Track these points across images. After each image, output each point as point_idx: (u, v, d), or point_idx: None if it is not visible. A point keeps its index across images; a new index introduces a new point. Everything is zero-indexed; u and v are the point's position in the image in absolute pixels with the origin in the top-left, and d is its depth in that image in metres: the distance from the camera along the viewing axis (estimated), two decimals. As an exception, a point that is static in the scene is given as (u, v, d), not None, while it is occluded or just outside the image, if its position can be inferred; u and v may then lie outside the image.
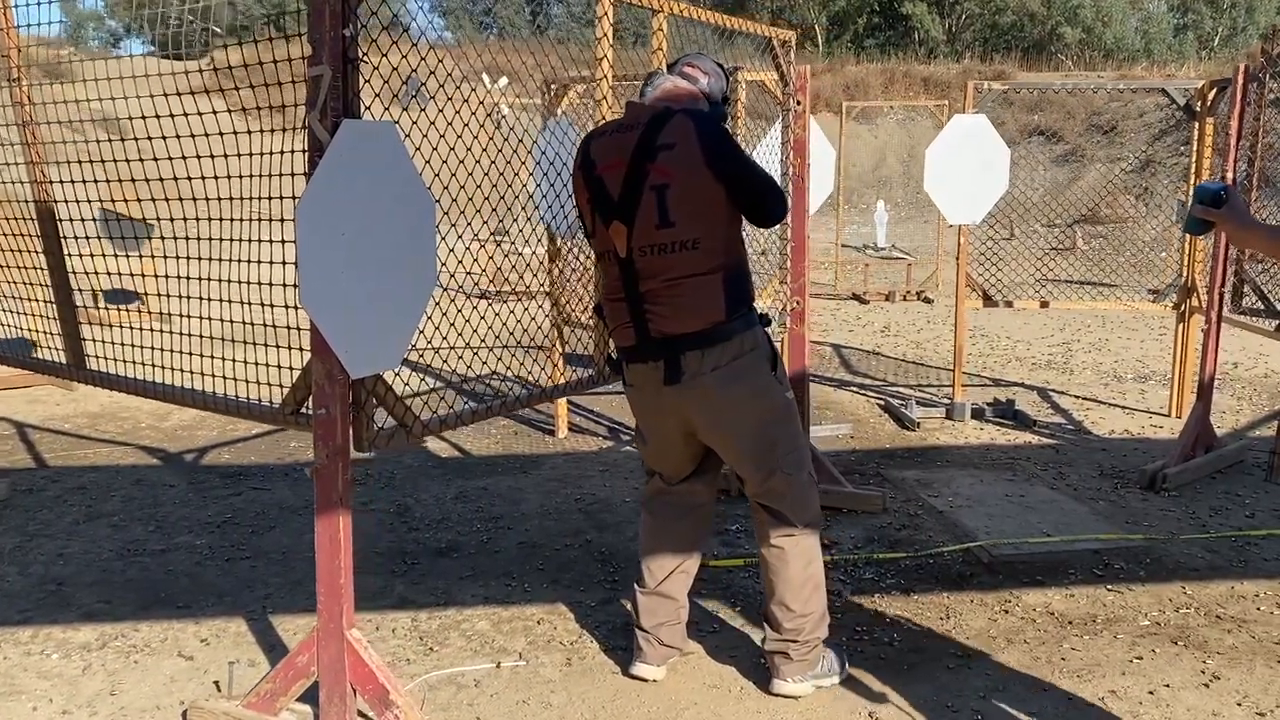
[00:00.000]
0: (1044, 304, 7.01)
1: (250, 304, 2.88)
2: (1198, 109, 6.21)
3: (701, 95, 3.12)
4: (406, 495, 5.00)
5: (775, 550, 3.12)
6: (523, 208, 5.02)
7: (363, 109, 2.68)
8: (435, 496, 4.99)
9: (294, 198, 2.45)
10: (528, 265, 5.83)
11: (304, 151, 2.58)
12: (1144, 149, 18.56)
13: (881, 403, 6.99)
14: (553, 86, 5.41)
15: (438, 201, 3.00)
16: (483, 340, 3.50)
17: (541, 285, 5.92)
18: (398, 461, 5.52)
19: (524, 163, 3.80)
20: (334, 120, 2.54)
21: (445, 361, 7.57)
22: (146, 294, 6.96)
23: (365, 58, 2.69)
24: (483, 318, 3.57)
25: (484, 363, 7.57)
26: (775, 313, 5.04)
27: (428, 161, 2.99)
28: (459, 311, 3.40)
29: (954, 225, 6.57)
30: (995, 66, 25.83)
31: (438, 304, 2.98)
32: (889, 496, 4.93)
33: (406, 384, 3.46)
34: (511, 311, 3.92)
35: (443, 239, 3.04)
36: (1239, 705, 3.06)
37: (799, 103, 4.88)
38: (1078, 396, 7.22)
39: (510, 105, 4.47)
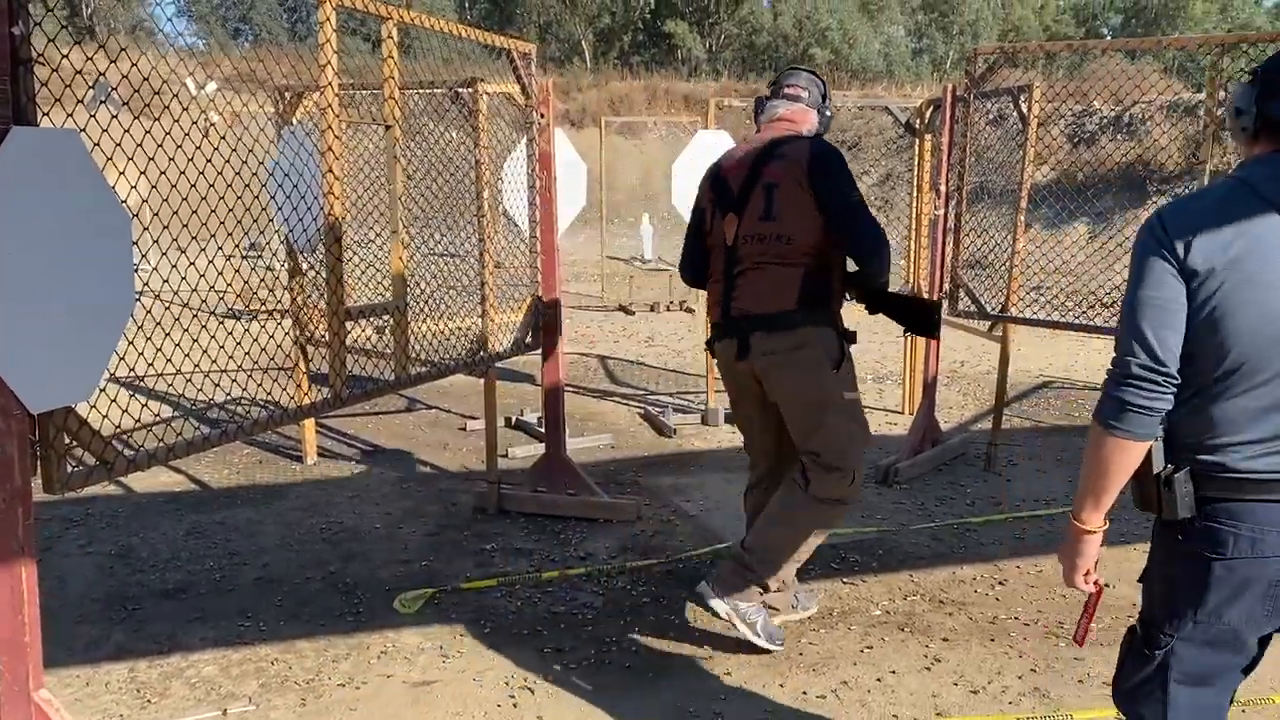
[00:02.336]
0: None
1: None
2: (918, 126, 6.67)
3: (808, 109, 3.55)
4: (132, 534, 4.62)
5: (785, 501, 3.39)
6: (270, 220, 4.76)
7: (40, 115, 2.44)
8: (165, 534, 4.63)
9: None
10: (276, 280, 5.55)
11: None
12: (884, 163, 19.85)
13: (642, 411, 7.09)
14: (286, 94, 5.16)
15: (175, 214, 2.78)
16: (220, 363, 3.27)
17: (279, 302, 5.64)
18: (124, 499, 5.10)
19: (254, 174, 3.59)
20: (1, 128, 2.29)
21: (188, 386, 7.09)
22: None
23: (42, 58, 2.44)
24: (230, 334, 3.35)
25: (228, 388, 7.15)
26: (529, 325, 5.02)
27: (143, 172, 2.77)
28: (203, 329, 3.18)
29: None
30: (751, 85, 26.95)
31: (179, 322, 2.75)
32: (644, 504, 4.99)
33: (137, 415, 3.19)
34: (263, 328, 3.70)
35: (183, 253, 2.83)
36: (955, 685, 3.27)
37: (542, 116, 4.87)
38: (825, 398, 7.58)
39: (221, 113, 4.22)
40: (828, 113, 3.63)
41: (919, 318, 3.52)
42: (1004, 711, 3.09)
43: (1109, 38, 43.39)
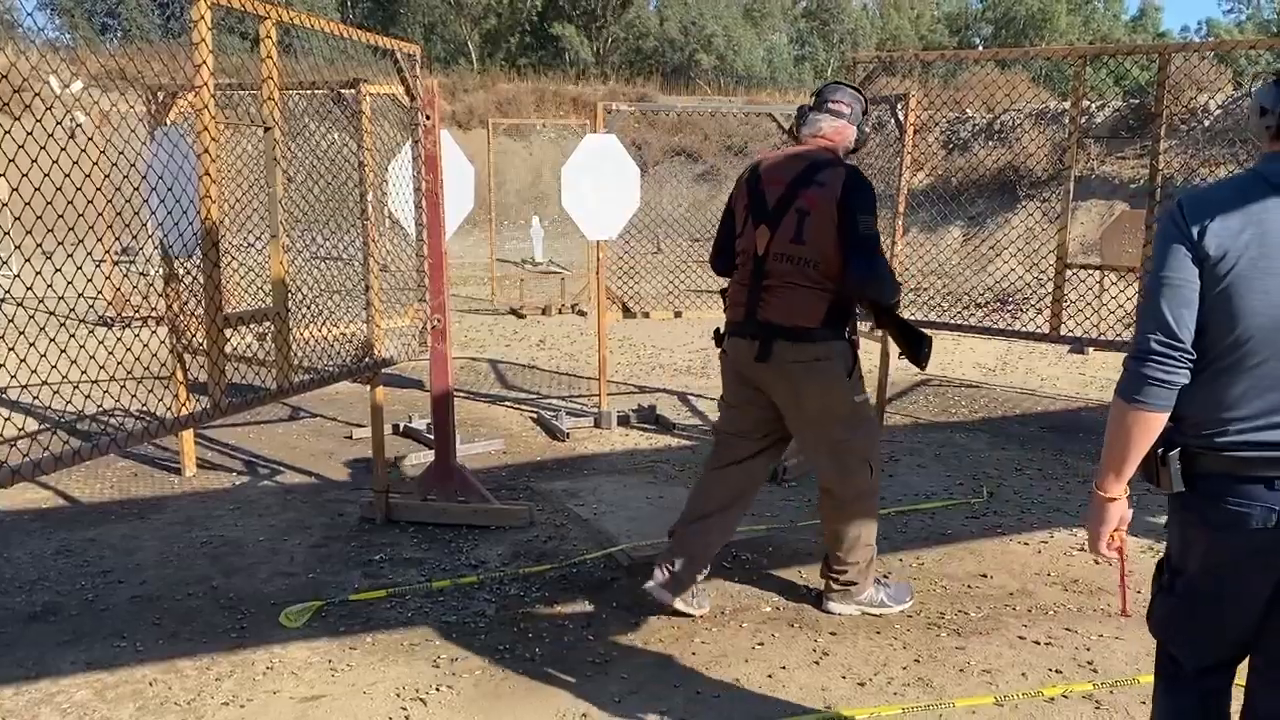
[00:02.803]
0: (678, 313, 7.38)
1: None
2: (799, 132, 6.80)
3: (849, 125, 3.70)
4: (-5, 555, 4.39)
5: (826, 514, 3.80)
6: (143, 225, 4.58)
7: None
8: (32, 554, 4.41)
9: None
10: (151, 286, 5.34)
11: None
12: (770, 168, 20.23)
13: (534, 416, 7.06)
14: (159, 94, 4.97)
15: (39, 218, 2.65)
16: (91, 373, 3.12)
17: (153, 309, 5.43)
18: (-13, 517, 4.84)
19: (126, 176, 3.45)
20: None
21: (55, 398, 6.76)
22: None
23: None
24: (101, 343, 3.21)
25: (100, 399, 6.84)
26: (416, 331, 4.95)
27: (2, 174, 2.63)
28: (72, 338, 3.03)
29: (594, 241, 6.77)
30: (639, 88, 27.14)
31: (44, 332, 2.61)
32: (536, 509, 4.96)
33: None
34: (137, 336, 3.55)
35: (48, 259, 2.70)
36: (843, 678, 3.35)
37: (428, 117, 4.81)
38: (713, 398, 7.64)
39: (89, 113, 4.02)
40: (865, 128, 3.83)
41: (914, 347, 3.69)
42: (890, 702, 3.18)
43: (981, 47, 45.08)
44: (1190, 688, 2.24)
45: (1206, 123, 13.31)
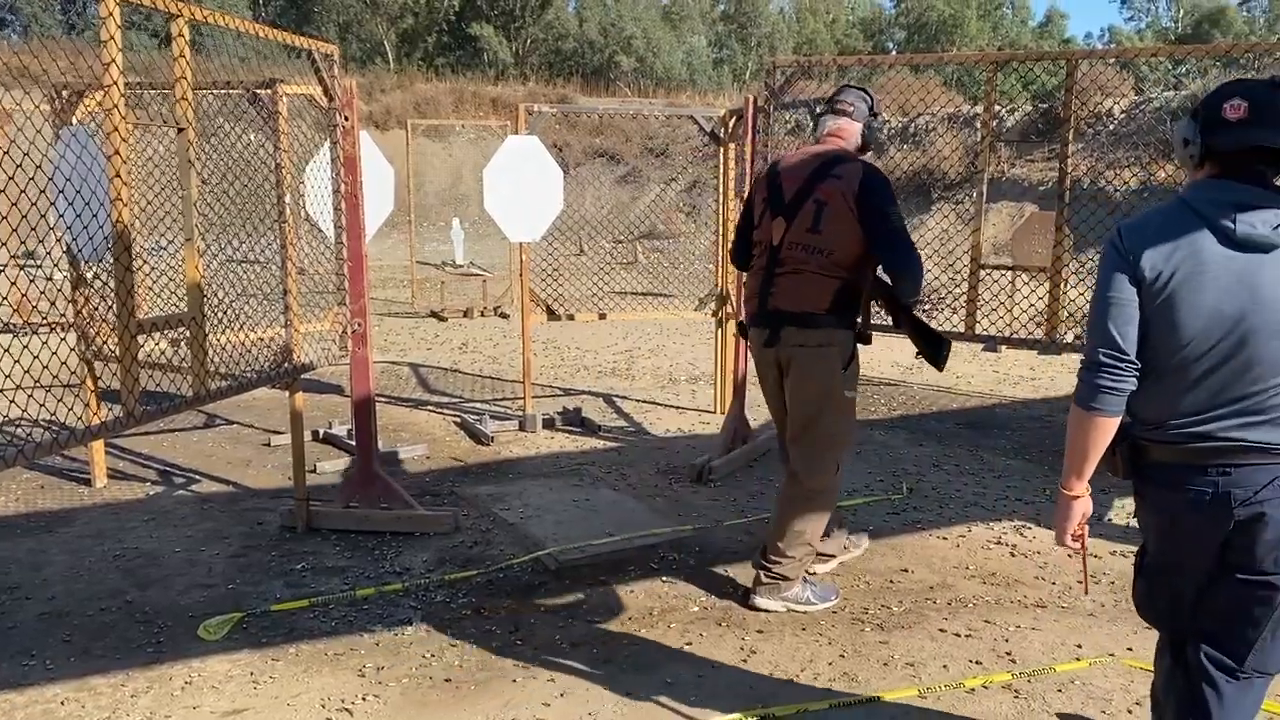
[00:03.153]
0: (602, 315, 7.39)
1: None
2: (722, 135, 6.87)
3: (855, 122, 3.90)
4: (-108, 573, 4.19)
5: (788, 500, 3.89)
6: (50, 228, 4.42)
7: None
8: (-68, 571, 4.23)
9: None
10: (59, 291, 5.16)
11: None
12: (691, 170, 20.34)
13: (458, 420, 7.00)
14: (64, 92, 4.81)
15: None
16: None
17: (61, 314, 5.25)
18: (-119, 533, 4.62)
19: (32, 178, 3.33)
20: None
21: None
22: None
23: None
24: (6, 350, 3.08)
25: (4, 409, 6.58)
26: (336, 335, 4.86)
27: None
28: None
29: (516, 243, 6.74)
30: (559, 90, 27.09)
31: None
32: (462, 514, 4.92)
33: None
34: (44, 343, 3.42)
35: None
36: (770, 674, 3.38)
37: (347, 118, 4.73)
38: (639, 400, 7.71)
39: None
40: (875, 124, 3.99)
41: (933, 348, 3.86)
42: (817, 698, 3.22)
43: (895, 52, 45.99)
44: (1173, 656, 2.44)
45: (1111, 126, 13.77)
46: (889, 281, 3.78)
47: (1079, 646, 3.58)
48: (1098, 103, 13.79)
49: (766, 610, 3.86)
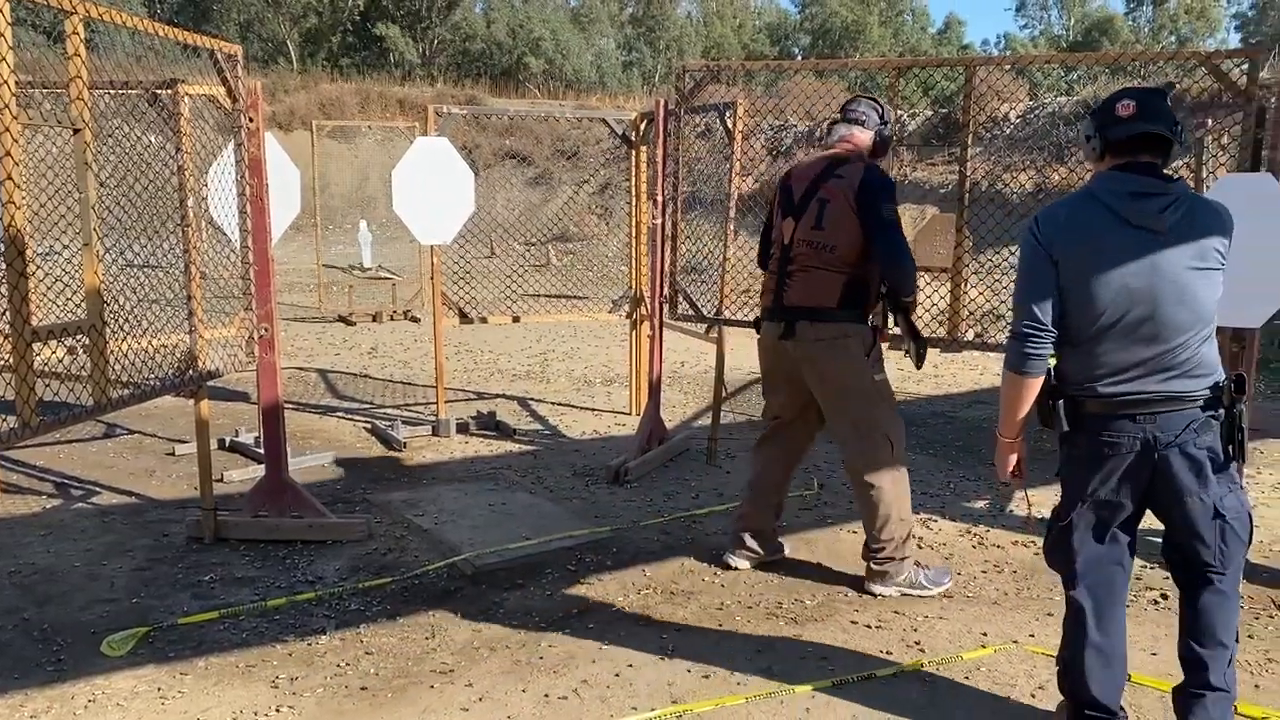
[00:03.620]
0: (516, 318, 7.38)
1: None
2: (633, 138, 6.91)
3: (867, 130, 4.08)
4: None
5: (860, 498, 4.07)
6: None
7: None
8: None
9: None
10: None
11: None
12: (603, 172, 20.38)
13: (369, 426, 6.90)
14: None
15: None
16: None
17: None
18: None
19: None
20: None
21: None
22: None
23: None
24: None
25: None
26: (242, 340, 4.76)
27: None
28: None
29: (427, 245, 6.68)
30: (467, 91, 26.86)
31: None
32: (374, 521, 4.86)
33: None
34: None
35: None
36: (689, 672, 3.42)
37: (251, 120, 4.64)
38: (553, 403, 7.70)
39: None
40: (886, 132, 4.17)
41: (920, 349, 4.11)
42: (734, 692, 3.27)
43: (800, 57, 46.76)
44: (1090, 604, 2.79)
45: (1008, 131, 14.22)
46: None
47: (984, 634, 3.70)
48: (994, 108, 14.24)
49: (884, 595, 4.02)
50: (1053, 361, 2.72)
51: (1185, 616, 2.81)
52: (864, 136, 4.09)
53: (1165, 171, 2.64)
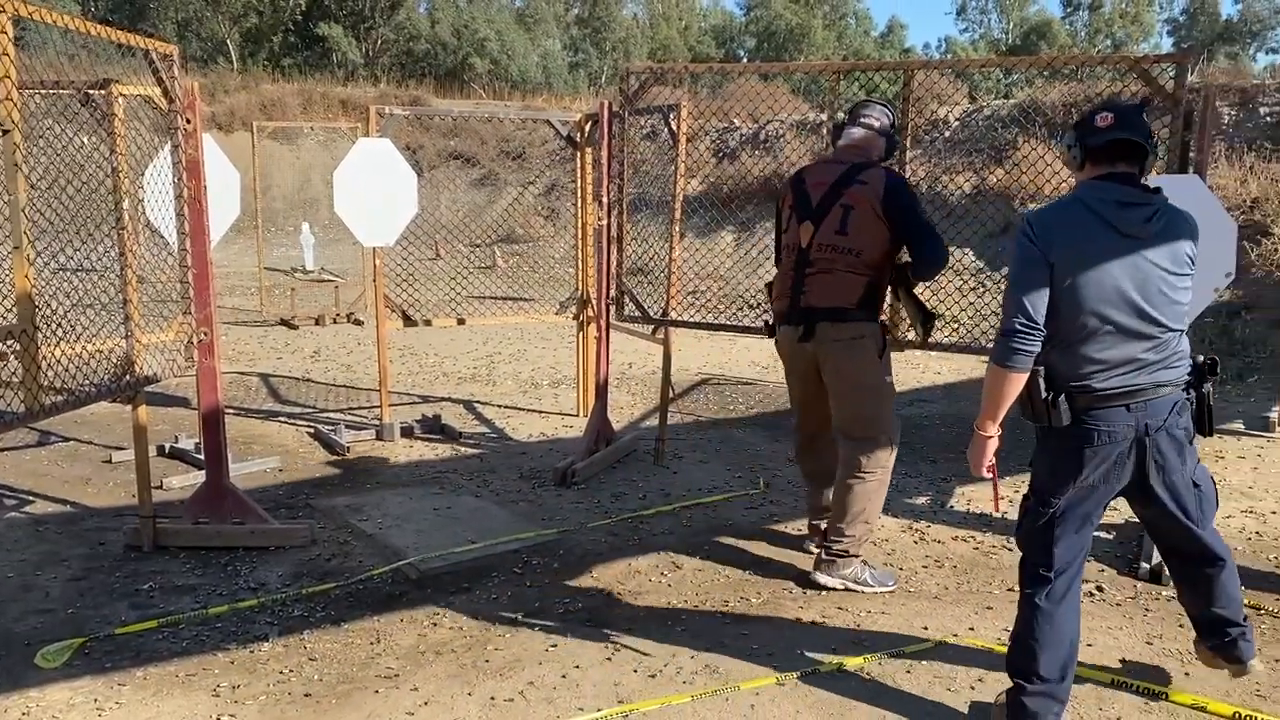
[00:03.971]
0: (460, 320, 7.33)
1: None
2: (578, 139, 6.92)
3: (880, 134, 4.16)
4: None
5: (841, 485, 4.12)
6: None
7: None
8: None
9: None
10: None
11: None
12: (549, 173, 20.32)
13: (312, 431, 6.82)
14: None
15: None
16: None
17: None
18: None
19: None
20: None
21: None
22: None
23: None
24: None
25: None
26: (181, 345, 4.68)
27: None
28: None
29: (370, 247, 6.62)
30: (411, 92, 26.60)
31: None
32: (318, 527, 4.81)
33: None
34: None
35: None
36: (635, 672, 3.44)
37: (189, 121, 4.56)
38: (500, 405, 7.67)
39: None
40: (897, 137, 4.29)
41: (926, 320, 4.26)
42: (680, 691, 3.29)
43: (745, 58, 47.07)
44: (1058, 588, 2.92)
45: (947, 134, 14.44)
46: (911, 263, 4.14)
47: (925, 628, 3.76)
48: (934, 110, 14.45)
49: (827, 587, 4.08)
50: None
51: (1194, 593, 3.10)
52: (876, 141, 4.18)
53: (1143, 182, 2.83)
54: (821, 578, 4.11)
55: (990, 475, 2.98)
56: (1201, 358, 2.91)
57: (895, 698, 3.25)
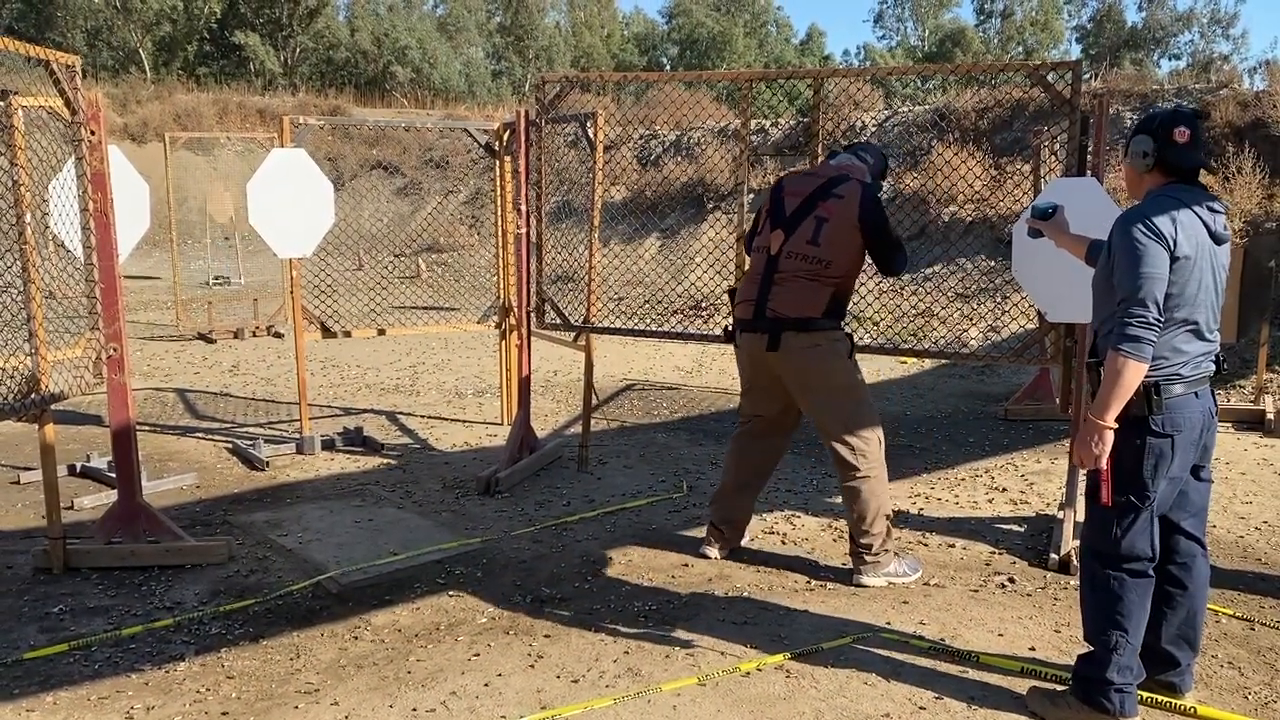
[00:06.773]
0: (381, 331, 7.26)
1: None
2: (497, 148, 6.91)
3: (866, 170, 4.34)
4: None
5: (847, 490, 4.22)
6: None
7: None
8: None
9: None
10: None
11: None
12: (472, 182, 20.23)
13: (230, 446, 6.70)
14: None
15: None
16: None
17: None
18: None
19: None
20: None
21: None
22: None
23: None
24: None
25: None
26: (89, 361, 4.57)
27: None
28: None
29: (286, 259, 6.54)
30: (331, 101, 26.29)
31: None
32: (236, 543, 4.73)
33: None
34: None
35: None
36: (558, 678, 3.45)
37: (93, 133, 4.47)
38: (424, 416, 7.62)
39: None
40: (881, 181, 4.45)
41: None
42: (602, 695, 3.32)
43: (668, 66, 47.33)
44: (1151, 576, 3.07)
45: (864, 139, 14.71)
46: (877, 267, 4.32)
47: (844, 625, 3.84)
48: (847, 116, 14.71)
49: (873, 587, 4.20)
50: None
51: (1182, 605, 3.18)
52: (860, 170, 4.34)
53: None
54: (867, 580, 4.23)
55: (1106, 466, 2.99)
56: None
57: (814, 694, 3.31)
